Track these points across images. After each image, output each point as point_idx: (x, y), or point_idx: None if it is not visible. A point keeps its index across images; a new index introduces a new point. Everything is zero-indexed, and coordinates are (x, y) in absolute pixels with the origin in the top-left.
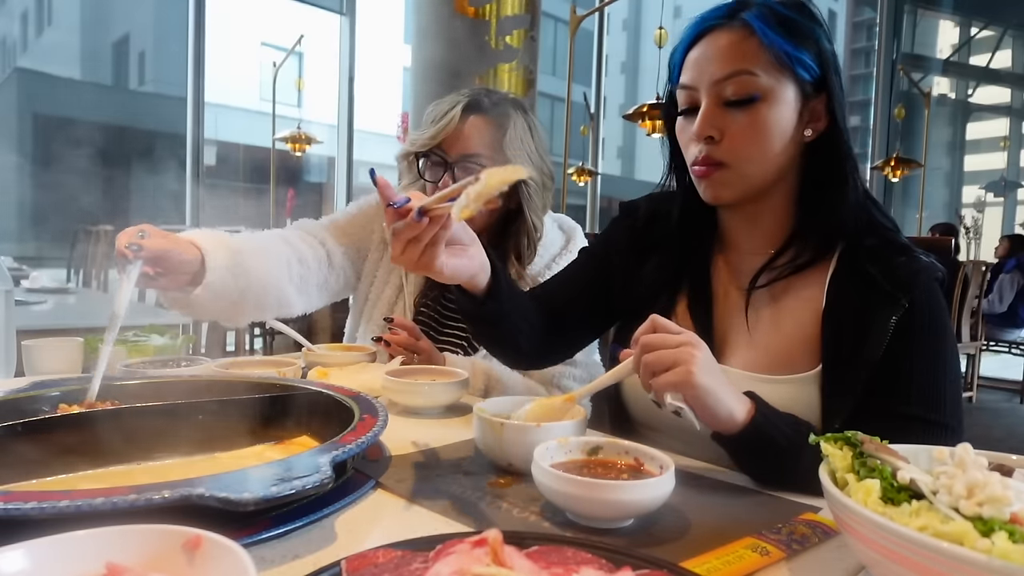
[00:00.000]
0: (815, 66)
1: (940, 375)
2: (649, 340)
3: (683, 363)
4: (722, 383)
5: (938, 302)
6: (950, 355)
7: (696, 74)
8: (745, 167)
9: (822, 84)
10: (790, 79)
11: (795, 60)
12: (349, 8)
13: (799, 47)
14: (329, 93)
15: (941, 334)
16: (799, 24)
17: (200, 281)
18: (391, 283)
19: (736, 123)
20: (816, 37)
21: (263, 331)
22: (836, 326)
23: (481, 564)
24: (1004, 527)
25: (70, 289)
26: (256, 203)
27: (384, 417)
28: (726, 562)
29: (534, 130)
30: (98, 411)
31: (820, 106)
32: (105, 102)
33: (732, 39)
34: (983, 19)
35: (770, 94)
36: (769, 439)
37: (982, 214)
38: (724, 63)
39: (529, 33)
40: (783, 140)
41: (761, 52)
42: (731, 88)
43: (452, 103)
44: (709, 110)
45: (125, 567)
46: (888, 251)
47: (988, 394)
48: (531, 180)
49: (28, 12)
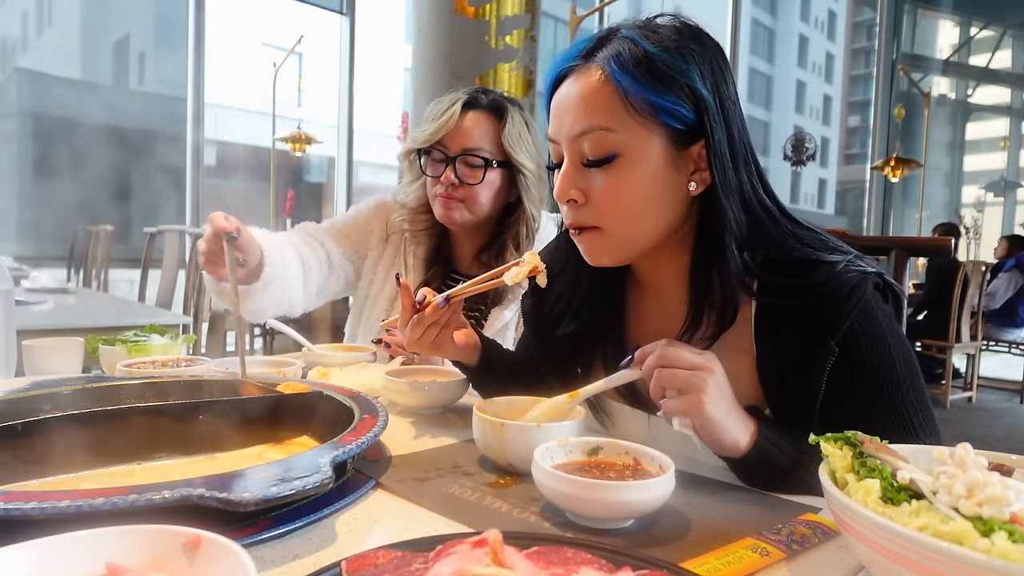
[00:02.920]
0: (688, 113)
1: (896, 399)
2: (667, 355)
3: (695, 391)
4: (730, 411)
5: (873, 325)
6: (901, 371)
7: (555, 126)
8: (619, 229)
9: (700, 130)
10: (655, 130)
11: (659, 109)
12: (349, 8)
13: (663, 92)
14: (329, 93)
15: (884, 359)
16: (664, 63)
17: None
18: (391, 281)
19: (598, 185)
20: (688, 76)
21: (263, 331)
22: (773, 376)
23: (481, 564)
24: (1004, 527)
25: (70, 289)
26: (256, 203)
27: (384, 417)
28: (726, 562)
29: (530, 125)
30: (98, 411)
31: (696, 155)
32: (105, 102)
33: (586, 87)
34: (983, 19)
35: (631, 150)
36: (773, 462)
37: (982, 214)
38: (578, 117)
39: (529, 33)
40: (658, 197)
41: (617, 102)
42: (587, 145)
43: (451, 100)
44: (568, 171)
45: (125, 567)
46: (801, 274)
47: (988, 394)
48: (529, 172)
49: (28, 12)
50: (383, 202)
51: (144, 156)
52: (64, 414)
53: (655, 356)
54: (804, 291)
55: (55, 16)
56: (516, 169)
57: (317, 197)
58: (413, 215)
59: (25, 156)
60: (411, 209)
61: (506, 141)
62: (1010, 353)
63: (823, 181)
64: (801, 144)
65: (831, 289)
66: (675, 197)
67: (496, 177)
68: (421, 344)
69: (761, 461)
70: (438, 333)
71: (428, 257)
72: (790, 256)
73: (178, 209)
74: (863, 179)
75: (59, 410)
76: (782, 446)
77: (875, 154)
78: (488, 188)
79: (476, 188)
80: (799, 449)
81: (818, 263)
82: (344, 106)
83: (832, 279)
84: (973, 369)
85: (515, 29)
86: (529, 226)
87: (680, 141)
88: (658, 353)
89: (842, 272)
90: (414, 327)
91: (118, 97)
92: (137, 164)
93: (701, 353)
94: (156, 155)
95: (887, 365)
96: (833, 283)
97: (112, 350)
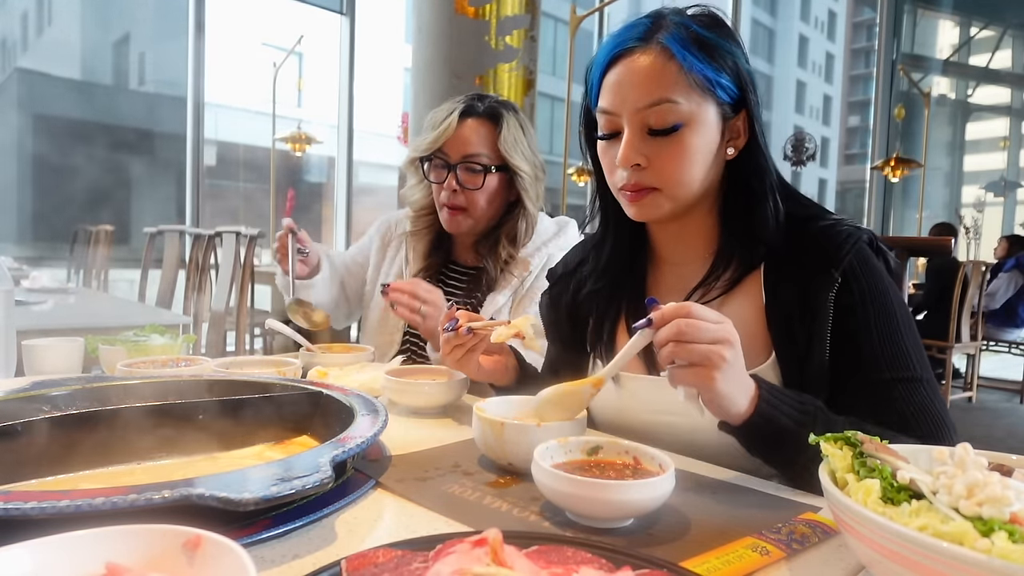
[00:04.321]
0: (734, 87)
1: (896, 334)
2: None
3: (710, 366)
4: (740, 384)
5: (870, 265)
6: (898, 311)
7: (617, 100)
8: (675, 190)
9: (741, 103)
10: (711, 102)
11: (715, 84)
12: (349, 8)
13: (719, 70)
14: (329, 93)
15: (882, 295)
16: (717, 45)
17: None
18: (392, 275)
19: (662, 150)
20: (734, 56)
21: (263, 331)
22: (780, 317)
23: (481, 564)
24: (1004, 527)
25: (70, 289)
26: (256, 203)
27: (384, 417)
28: (726, 562)
29: (525, 128)
30: (98, 411)
31: (740, 124)
32: (105, 102)
33: (651, 64)
34: (983, 19)
35: (693, 120)
36: (776, 425)
37: (982, 214)
38: (645, 91)
39: (529, 33)
40: (708, 161)
41: (681, 78)
42: (654, 117)
43: (449, 110)
44: (633, 138)
45: (125, 567)
46: (808, 225)
47: (988, 394)
48: (525, 173)
49: (28, 12)
50: (382, 221)
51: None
52: (64, 414)
53: (671, 327)
54: (808, 239)
55: (55, 16)
56: (513, 172)
57: (317, 197)
58: (416, 216)
59: (25, 156)
60: (415, 211)
61: (502, 146)
62: (1010, 353)
63: (823, 181)
64: (801, 144)
65: (830, 236)
66: (718, 158)
67: (495, 181)
68: (450, 360)
69: (765, 425)
70: (463, 354)
71: (427, 251)
72: (800, 212)
73: (178, 209)
74: (863, 179)
75: (59, 410)
76: (783, 408)
77: (875, 154)
78: (488, 193)
79: (477, 194)
80: (801, 410)
81: (820, 219)
82: (344, 106)
83: (831, 229)
84: (973, 369)
85: (515, 29)
86: (529, 222)
87: (726, 113)
88: (674, 327)
89: (839, 224)
90: (444, 344)
91: (118, 97)
92: (137, 164)
93: (719, 321)
94: (156, 155)
95: (885, 301)
96: (832, 232)
97: (112, 350)
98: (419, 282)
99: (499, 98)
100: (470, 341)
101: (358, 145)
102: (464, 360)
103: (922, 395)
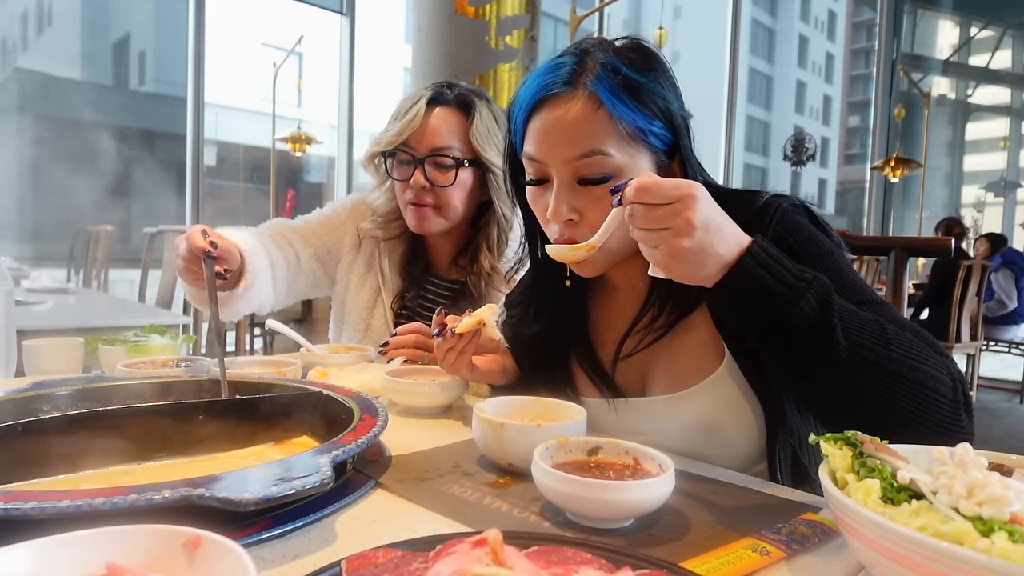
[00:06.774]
0: (667, 133)
1: (840, 270)
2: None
3: (672, 234)
4: (722, 240)
5: (795, 222)
6: (834, 251)
7: (544, 149)
8: (611, 244)
9: (675, 148)
10: (644, 151)
11: (647, 132)
12: (349, 8)
13: (651, 118)
14: (329, 93)
15: (815, 241)
16: (648, 89)
17: (238, 282)
18: (367, 286)
19: (595, 202)
20: (666, 100)
21: (263, 331)
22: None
23: (481, 564)
24: (1004, 527)
25: (70, 289)
26: (256, 203)
27: (384, 417)
28: (726, 562)
29: (499, 119)
30: (98, 411)
31: (676, 167)
32: (105, 102)
33: (579, 113)
34: (983, 19)
35: (625, 171)
36: (760, 283)
37: (982, 214)
38: (574, 142)
39: (529, 33)
40: None
41: (612, 127)
42: (585, 168)
43: (415, 97)
44: (563, 191)
45: (125, 567)
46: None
47: (988, 394)
48: (499, 171)
49: (28, 12)
50: (359, 202)
51: (144, 156)
52: (64, 414)
53: (631, 189)
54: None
55: (55, 16)
56: (486, 168)
57: (317, 197)
58: (385, 222)
59: (25, 156)
60: (382, 216)
61: (474, 138)
62: (1010, 353)
63: (823, 181)
64: (801, 144)
65: (754, 215)
66: None
67: (468, 177)
68: (445, 365)
69: (747, 280)
70: (455, 358)
71: (404, 263)
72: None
73: (178, 209)
74: (863, 179)
75: (59, 410)
76: (774, 268)
77: (875, 154)
78: (460, 190)
79: (447, 191)
80: (798, 276)
81: (748, 205)
82: (344, 106)
83: (753, 206)
84: (973, 369)
85: (515, 29)
86: (501, 227)
87: (661, 160)
88: (633, 185)
89: (758, 200)
90: (437, 350)
91: (118, 97)
92: (137, 164)
93: (678, 185)
94: (156, 155)
95: (818, 241)
96: (754, 209)
97: (112, 350)
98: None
99: (470, 85)
100: (459, 343)
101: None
102: (457, 363)
103: (891, 312)
